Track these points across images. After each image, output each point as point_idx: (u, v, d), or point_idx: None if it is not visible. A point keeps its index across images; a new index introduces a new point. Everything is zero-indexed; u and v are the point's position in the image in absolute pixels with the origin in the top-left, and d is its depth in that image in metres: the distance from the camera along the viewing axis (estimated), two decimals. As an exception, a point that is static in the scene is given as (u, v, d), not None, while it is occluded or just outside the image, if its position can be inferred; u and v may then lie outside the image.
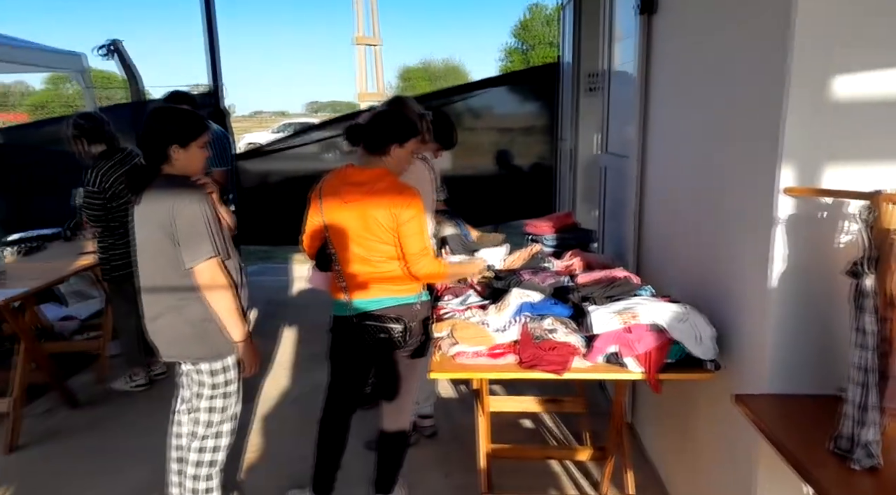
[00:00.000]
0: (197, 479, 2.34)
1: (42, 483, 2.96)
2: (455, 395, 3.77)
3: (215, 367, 2.27)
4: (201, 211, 2.12)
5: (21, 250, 4.12)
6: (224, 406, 2.32)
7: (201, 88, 5.62)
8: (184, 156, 2.20)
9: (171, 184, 2.16)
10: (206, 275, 2.14)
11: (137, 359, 3.92)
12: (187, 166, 2.23)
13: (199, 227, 2.10)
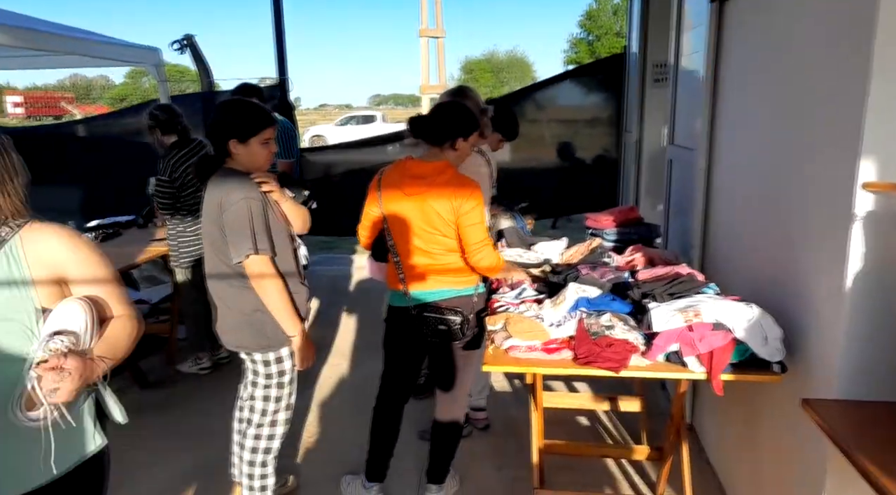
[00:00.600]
0: (252, 465, 2.39)
1: (112, 458, 3.11)
2: (509, 389, 3.74)
3: (268, 358, 2.29)
4: (246, 208, 2.10)
5: (98, 236, 4.33)
6: (279, 396, 2.35)
7: (269, 82, 5.77)
8: (243, 151, 2.18)
9: (225, 178, 2.17)
10: (253, 271, 2.14)
11: (202, 344, 4.08)
12: (247, 161, 2.21)
13: (242, 224, 2.09)
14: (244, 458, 2.41)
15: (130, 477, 2.92)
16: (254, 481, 2.40)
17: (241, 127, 2.17)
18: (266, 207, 2.17)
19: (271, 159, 2.31)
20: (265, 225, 2.15)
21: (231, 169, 2.21)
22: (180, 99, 5.64)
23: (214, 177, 2.20)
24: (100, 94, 38.13)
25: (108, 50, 4.56)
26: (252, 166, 2.22)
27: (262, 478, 2.41)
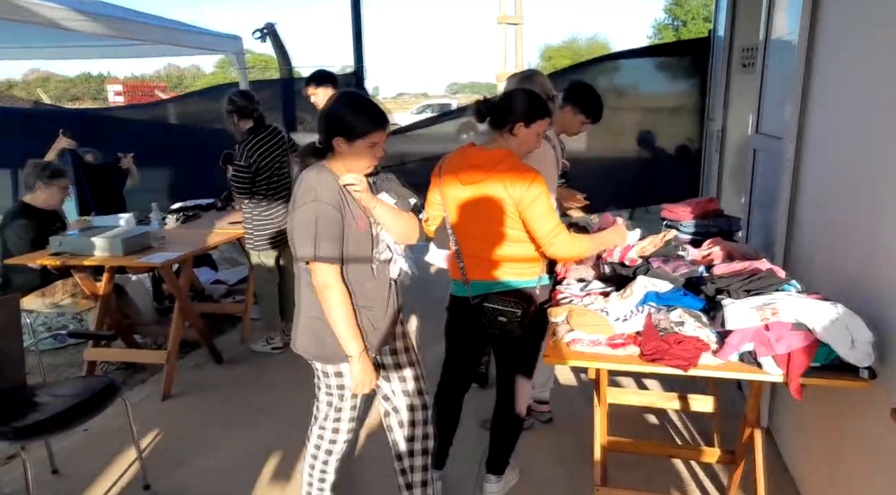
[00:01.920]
0: (315, 458, 2.33)
1: (187, 429, 3.27)
2: (575, 383, 3.66)
3: (327, 370, 2.16)
4: (313, 211, 1.95)
5: (180, 218, 4.54)
6: (339, 406, 2.23)
7: (347, 69, 5.85)
8: (347, 150, 1.99)
9: (309, 174, 2.03)
10: (315, 278, 2.00)
11: (274, 324, 4.21)
12: (349, 162, 2.02)
13: (306, 227, 1.96)
14: (308, 450, 2.35)
15: (201, 450, 3.05)
16: (313, 475, 2.34)
17: (350, 125, 1.98)
18: (343, 213, 2.00)
19: (376, 164, 2.12)
20: (335, 232, 1.98)
21: (321, 165, 2.04)
22: (260, 85, 5.80)
23: (308, 169, 2.06)
24: (190, 83, 39.98)
25: (194, 38, 4.76)
26: (353, 168, 2.03)
27: (321, 473, 2.34)
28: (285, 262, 4.20)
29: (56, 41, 4.97)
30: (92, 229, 3.72)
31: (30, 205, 3.93)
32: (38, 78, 37.94)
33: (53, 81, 38.15)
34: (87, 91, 36.84)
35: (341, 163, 2.03)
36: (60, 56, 6.18)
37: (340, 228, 1.99)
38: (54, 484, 2.78)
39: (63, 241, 3.53)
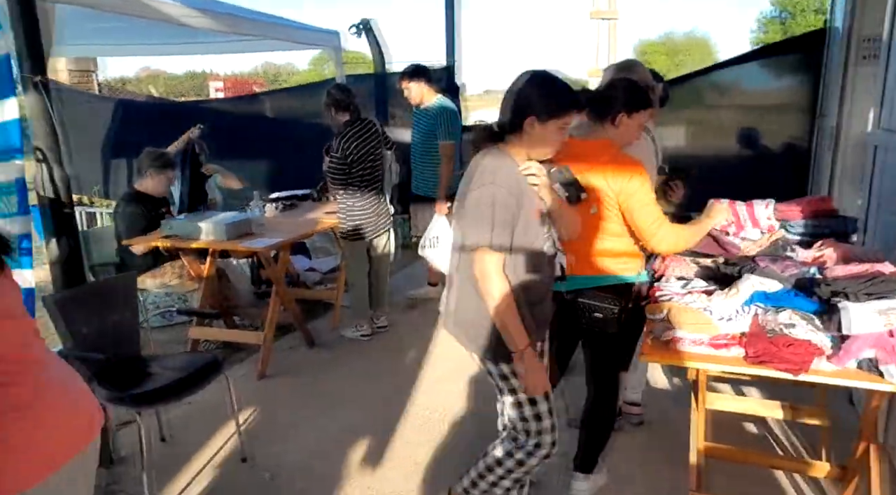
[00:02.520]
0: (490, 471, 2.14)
1: (280, 408, 3.41)
2: (668, 387, 3.53)
3: (492, 370, 2.03)
4: (492, 197, 1.85)
5: (279, 207, 4.73)
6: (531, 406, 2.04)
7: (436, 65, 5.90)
8: (538, 131, 1.89)
9: (486, 157, 1.94)
10: (476, 266, 1.90)
11: (364, 312, 4.31)
12: (533, 146, 1.93)
13: (481, 212, 1.86)
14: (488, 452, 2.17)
15: (293, 428, 3.17)
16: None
17: (546, 104, 1.87)
18: (520, 202, 1.91)
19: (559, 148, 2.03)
20: (509, 220, 1.88)
21: (502, 150, 1.95)
22: (354, 80, 5.95)
23: (485, 152, 1.97)
24: (285, 80, 41.60)
25: (294, 33, 4.95)
26: (535, 152, 1.95)
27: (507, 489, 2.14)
28: (376, 252, 4.30)
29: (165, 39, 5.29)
30: (199, 215, 3.95)
31: (140, 192, 4.22)
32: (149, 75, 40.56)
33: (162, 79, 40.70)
34: (192, 87, 39.05)
35: (524, 146, 1.94)
36: (168, 52, 6.57)
37: (515, 217, 1.90)
38: (163, 451, 2.97)
39: (173, 225, 3.76)
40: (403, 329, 4.51)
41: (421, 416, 3.27)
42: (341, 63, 5.37)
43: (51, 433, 1.34)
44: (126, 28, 4.40)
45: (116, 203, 4.42)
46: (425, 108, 4.45)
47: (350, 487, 2.71)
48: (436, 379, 3.70)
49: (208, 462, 2.90)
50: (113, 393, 2.51)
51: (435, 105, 4.42)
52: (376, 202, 4.12)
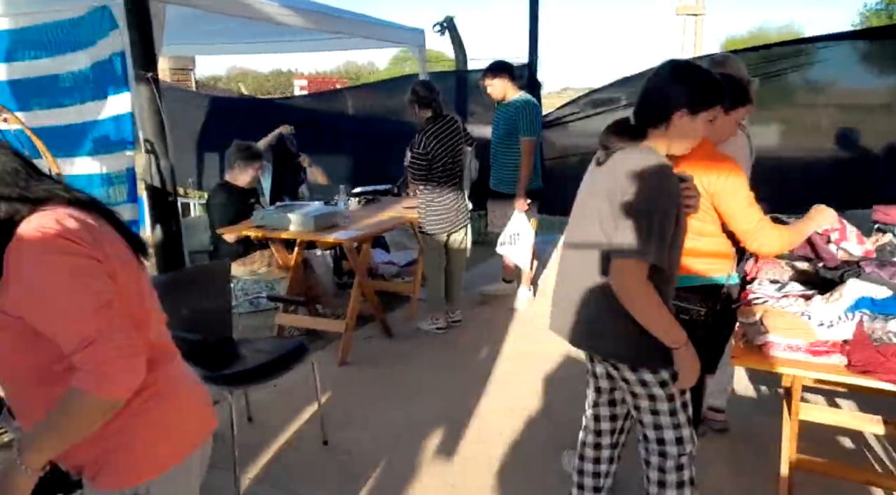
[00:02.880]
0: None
1: (359, 395, 3.50)
2: (753, 394, 3.40)
3: (648, 379, 1.88)
4: (662, 208, 1.72)
5: (361, 201, 4.86)
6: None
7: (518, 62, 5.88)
8: (686, 125, 1.78)
9: (645, 156, 1.79)
10: (624, 276, 1.75)
11: (439, 306, 4.37)
12: (675, 141, 1.82)
13: (643, 218, 1.71)
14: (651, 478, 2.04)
15: (371, 415, 3.25)
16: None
17: (698, 96, 1.76)
18: (679, 213, 1.78)
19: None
20: (668, 231, 1.75)
21: (648, 149, 1.82)
22: (435, 77, 6.01)
23: (629, 151, 1.82)
24: (366, 78, 42.50)
25: (380, 31, 5.06)
26: (675, 148, 1.84)
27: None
28: (452, 247, 4.34)
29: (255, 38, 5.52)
30: (288, 206, 4.11)
31: (229, 183, 4.42)
32: (238, 74, 42.33)
33: (250, 77, 42.38)
34: (277, 85, 40.48)
35: (666, 141, 1.82)
36: (257, 51, 6.85)
37: (673, 227, 1.77)
38: (249, 430, 3.11)
39: (264, 216, 3.93)
40: (477, 324, 4.53)
41: (495, 412, 3.28)
42: (424, 60, 5.44)
43: (189, 418, 1.41)
44: (220, 29, 4.63)
45: (209, 194, 4.66)
46: (507, 103, 4.45)
47: (426, 477, 2.75)
48: (511, 376, 3.70)
49: (290, 443, 3.02)
50: (205, 373, 2.64)
51: (517, 101, 4.41)
52: (455, 198, 4.16)
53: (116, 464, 1.29)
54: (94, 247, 1.19)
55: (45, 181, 1.26)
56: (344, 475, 2.76)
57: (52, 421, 1.18)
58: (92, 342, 1.12)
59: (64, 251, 1.15)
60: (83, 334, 1.13)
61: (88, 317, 1.14)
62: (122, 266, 1.25)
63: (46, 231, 1.16)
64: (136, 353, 1.18)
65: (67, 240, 1.16)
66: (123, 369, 1.16)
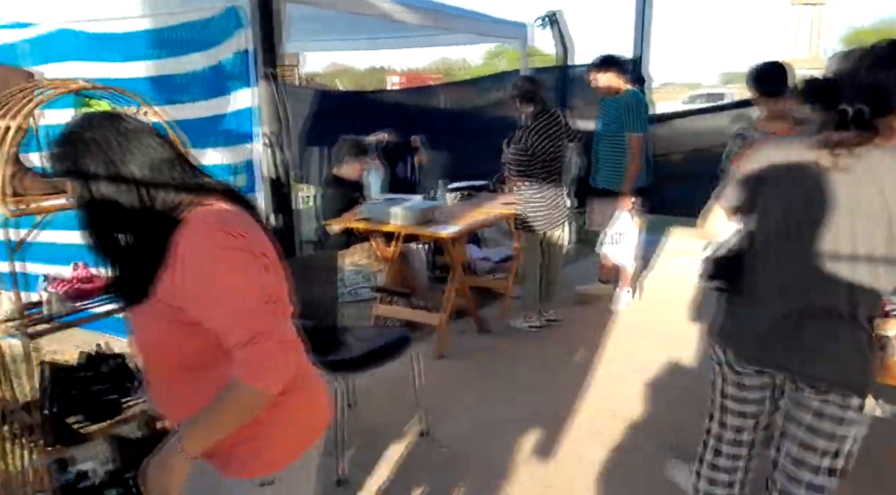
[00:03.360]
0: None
1: (455, 388, 3.53)
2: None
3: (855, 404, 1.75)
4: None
5: (458, 196, 4.88)
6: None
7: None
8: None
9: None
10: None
11: (534, 304, 4.33)
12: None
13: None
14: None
15: (468, 409, 3.28)
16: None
17: None
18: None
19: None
20: None
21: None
22: (537, 72, 5.95)
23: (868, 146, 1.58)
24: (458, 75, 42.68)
25: (483, 26, 5.07)
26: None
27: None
28: (550, 244, 4.28)
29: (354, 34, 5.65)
30: (391, 200, 4.20)
31: (337, 177, 4.57)
32: (336, 70, 43.69)
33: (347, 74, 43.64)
34: (372, 82, 41.47)
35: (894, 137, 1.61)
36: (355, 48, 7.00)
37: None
38: (351, 416, 3.20)
39: (369, 209, 4.04)
40: (572, 324, 4.46)
41: (592, 414, 3.22)
42: (527, 55, 5.40)
43: (316, 409, 1.46)
44: (321, 27, 4.77)
45: (319, 186, 4.84)
46: (614, 99, 4.34)
47: (523, 475, 2.74)
48: (611, 379, 3.61)
49: (390, 431, 3.09)
50: (314, 358, 2.74)
51: (625, 96, 4.29)
52: (555, 194, 4.10)
53: (249, 454, 1.32)
54: (252, 242, 1.23)
55: (198, 173, 1.31)
56: (441, 467, 2.79)
57: (213, 412, 1.22)
58: (258, 337, 1.16)
59: (230, 246, 1.19)
60: (249, 328, 1.17)
61: (255, 312, 1.18)
62: (273, 258, 1.29)
63: (212, 225, 1.20)
64: (294, 347, 1.24)
65: (231, 234, 1.19)
66: (284, 364, 1.20)
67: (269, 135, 2.72)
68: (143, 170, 1.22)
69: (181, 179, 1.25)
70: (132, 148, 1.22)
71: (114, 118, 1.26)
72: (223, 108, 2.80)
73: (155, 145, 1.25)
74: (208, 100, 2.84)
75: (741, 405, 1.97)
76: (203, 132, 2.82)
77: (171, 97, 2.92)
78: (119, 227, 1.23)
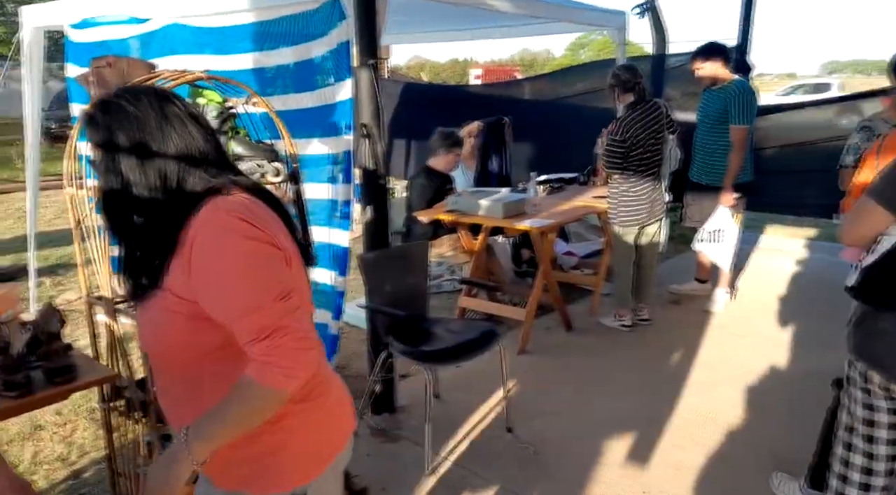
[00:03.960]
0: None
1: (540, 385, 3.47)
2: None
3: None
4: None
5: (547, 189, 4.79)
6: None
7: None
8: None
9: None
10: None
11: (626, 302, 4.18)
12: None
13: None
14: None
15: (554, 407, 3.21)
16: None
17: None
18: None
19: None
20: None
21: None
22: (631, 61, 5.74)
23: None
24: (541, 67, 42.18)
25: (579, 14, 4.94)
26: None
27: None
28: (645, 240, 4.12)
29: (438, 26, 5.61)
30: (480, 192, 4.17)
31: (431, 168, 4.57)
32: (417, 64, 44.17)
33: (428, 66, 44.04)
34: (453, 75, 41.65)
35: None
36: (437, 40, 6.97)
37: None
38: (437, 406, 3.19)
39: (457, 201, 4.03)
40: (666, 324, 4.29)
41: (691, 420, 3.08)
42: (624, 43, 5.22)
43: (341, 417, 1.36)
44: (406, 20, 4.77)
45: (411, 176, 4.87)
46: (719, 89, 4.11)
47: (615, 478, 2.65)
48: (707, 384, 3.44)
49: (476, 425, 3.06)
50: (406, 348, 2.76)
51: (731, 86, 4.06)
52: (652, 188, 3.94)
53: (275, 468, 1.23)
54: (274, 234, 1.15)
55: (228, 167, 1.24)
56: (528, 465, 2.74)
57: (223, 411, 1.11)
58: (273, 332, 1.07)
59: (248, 236, 1.10)
60: (263, 323, 1.07)
61: (270, 306, 1.09)
62: (293, 253, 1.21)
63: (231, 212, 1.12)
64: (312, 346, 1.13)
65: (252, 224, 1.11)
66: (300, 362, 1.10)
67: (366, 126, 2.73)
68: (176, 157, 1.16)
69: (212, 172, 1.19)
70: (170, 133, 1.16)
71: (162, 98, 1.19)
72: (325, 99, 2.84)
73: (195, 133, 1.19)
74: (310, 92, 2.89)
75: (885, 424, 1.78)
76: (306, 123, 2.88)
77: (273, 89, 3.00)
78: (135, 209, 1.17)
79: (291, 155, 2.30)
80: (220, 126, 2.18)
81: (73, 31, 4.08)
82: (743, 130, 3.99)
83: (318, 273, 2.95)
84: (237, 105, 2.27)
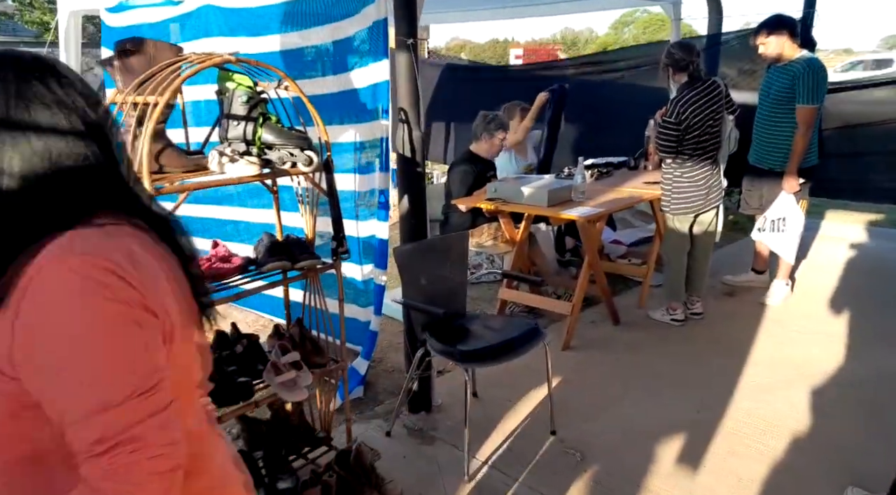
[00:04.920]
0: None
1: (586, 383, 3.28)
2: None
3: None
4: None
5: (594, 174, 4.55)
6: None
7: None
8: None
9: None
10: None
11: (678, 295, 3.95)
12: None
13: None
14: None
15: (602, 408, 3.02)
16: None
17: None
18: None
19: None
20: None
21: None
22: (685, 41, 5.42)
23: None
24: (583, 46, 41.18)
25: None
26: None
27: None
28: (700, 229, 3.87)
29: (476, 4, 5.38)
30: (522, 179, 3.96)
31: (473, 153, 4.38)
32: (457, 44, 43.59)
33: (468, 47, 43.44)
34: (493, 55, 41.01)
35: None
36: (478, 19, 6.74)
37: None
38: (475, 405, 3.06)
39: (498, 188, 3.83)
40: (719, 318, 4.04)
41: (749, 425, 2.86)
42: (679, 19, 4.91)
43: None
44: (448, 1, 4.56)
45: (453, 162, 4.67)
46: (784, 65, 3.79)
47: (667, 489, 2.46)
48: (766, 385, 3.20)
49: (516, 427, 2.91)
50: (444, 347, 2.61)
51: (799, 62, 3.74)
52: (709, 173, 3.68)
53: None
54: (149, 295, 0.81)
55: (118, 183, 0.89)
56: (573, 471, 2.57)
57: None
58: (116, 445, 0.75)
59: (110, 296, 0.77)
60: (105, 431, 0.75)
61: (121, 406, 0.76)
62: (182, 321, 0.88)
63: (87, 256, 0.78)
64: (177, 465, 0.80)
65: (115, 274, 0.78)
66: (156, 488, 0.77)
67: (404, 111, 2.56)
68: (21, 160, 0.80)
69: (86, 189, 0.84)
70: (23, 123, 0.80)
71: (26, 71, 0.82)
72: (357, 82, 2.68)
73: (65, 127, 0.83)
74: (341, 74, 2.74)
75: None
76: (336, 107, 2.73)
77: (303, 72, 2.85)
78: None
79: (325, 142, 2.15)
80: (249, 112, 2.04)
81: (108, 15, 4.02)
82: (812, 110, 3.67)
83: (352, 268, 2.82)
84: (268, 89, 2.14)
